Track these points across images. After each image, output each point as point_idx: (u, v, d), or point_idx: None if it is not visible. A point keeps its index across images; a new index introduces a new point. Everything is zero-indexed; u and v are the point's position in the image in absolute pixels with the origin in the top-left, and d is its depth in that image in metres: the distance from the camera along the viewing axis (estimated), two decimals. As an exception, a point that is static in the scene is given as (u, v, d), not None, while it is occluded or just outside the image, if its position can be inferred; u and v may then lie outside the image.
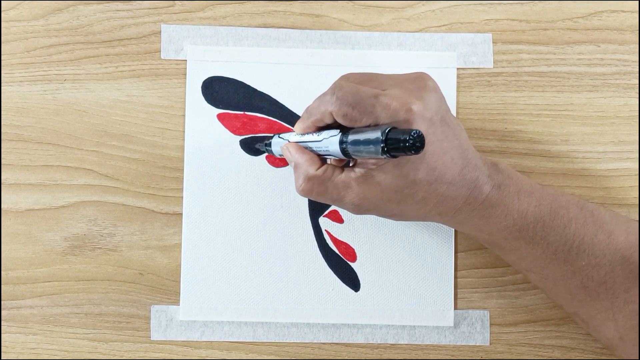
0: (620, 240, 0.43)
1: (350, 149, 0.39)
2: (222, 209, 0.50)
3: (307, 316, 0.50)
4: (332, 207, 0.50)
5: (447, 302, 0.50)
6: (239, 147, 0.51)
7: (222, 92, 0.51)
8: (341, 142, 0.39)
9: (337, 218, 0.50)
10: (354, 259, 0.50)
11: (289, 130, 0.51)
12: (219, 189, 0.50)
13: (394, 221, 0.50)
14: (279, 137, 0.47)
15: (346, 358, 0.50)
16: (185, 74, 0.51)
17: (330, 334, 0.50)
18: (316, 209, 0.50)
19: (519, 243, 0.43)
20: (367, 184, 0.40)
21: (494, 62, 0.51)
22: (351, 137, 0.39)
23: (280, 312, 0.50)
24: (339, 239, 0.50)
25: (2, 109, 0.51)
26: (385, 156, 0.37)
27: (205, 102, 0.51)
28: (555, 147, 0.51)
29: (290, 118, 0.51)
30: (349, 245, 0.50)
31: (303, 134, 0.44)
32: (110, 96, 0.51)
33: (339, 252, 0.50)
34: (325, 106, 0.40)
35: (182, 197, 0.50)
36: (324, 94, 0.41)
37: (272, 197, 0.50)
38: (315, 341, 0.50)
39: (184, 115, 0.51)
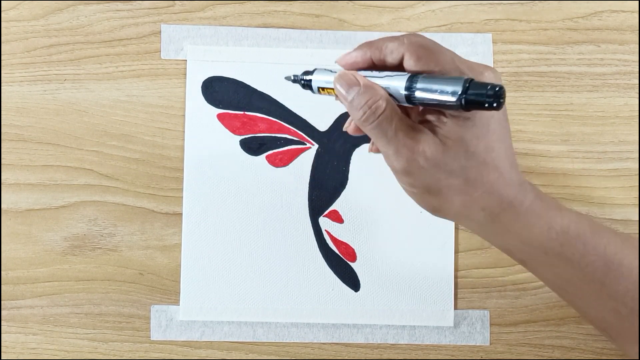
0: None
1: (419, 93, 0.36)
2: (222, 209, 0.50)
3: (307, 316, 0.50)
4: (332, 207, 0.50)
5: (447, 302, 0.50)
6: (239, 147, 0.51)
7: (222, 92, 0.51)
8: (408, 88, 0.36)
9: (337, 218, 0.50)
10: (354, 259, 0.50)
11: (289, 131, 0.51)
12: (219, 189, 0.50)
13: (395, 221, 0.50)
14: (325, 69, 0.41)
15: (346, 358, 0.50)
16: (185, 74, 0.51)
17: (330, 334, 0.50)
18: (316, 209, 0.50)
19: (558, 260, 0.41)
20: (431, 138, 0.37)
21: (494, 62, 0.51)
22: (422, 83, 0.36)
23: (280, 312, 0.50)
24: (339, 239, 0.50)
25: (2, 109, 0.51)
26: (459, 107, 0.34)
27: (205, 102, 0.51)
28: (555, 147, 0.51)
29: (290, 118, 0.51)
30: (349, 245, 0.50)
31: (357, 70, 0.39)
32: (110, 96, 0.51)
33: (339, 252, 0.50)
34: (397, 44, 0.38)
35: (182, 197, 0.50)
36: (392, 37, 0.38)
37: (272, 197, 0.50)
38: (315, 341, 0.50)
39: (184, 115, 0.51)
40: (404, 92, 0.37)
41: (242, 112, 0.51)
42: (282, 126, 0.51)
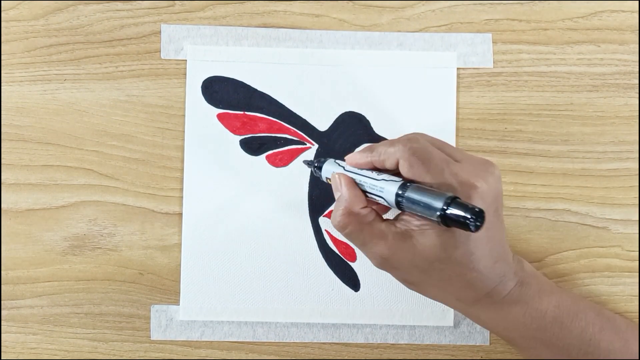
0: (636, 349, 0.43)
1: (405, 203, 0.38)
2: (222, 209, 0.50)
3: (307, 316, 0.50)
4: (333, 207, 0.50)
5: (447, 302, 0.50)
6: (239, 147, 0.51)
7: (222, 92, 0.51)
8: (398, 195, 0.38)
9: (337, 218, 0.50)
10: (353, 259, 0.50)
11: (288, 131, 0.51)
12: (218, 189, 0.50)
13: None
14: (335, 161, 0.45)
15: (346, 358, 0.50)
16: (185, 74, 0.51)
17: (330, 334, 0.50)
18: (316, 209, 0.50)
19: (535, 342, 0.43)
20: (403, 241, 0.39)
21: (494, 62, 0.51)
22: (410, 193, 0.38)
23: (280, 312, 0.50)
24: (339, 239, 0.50)
25: (2, 108, 0.51)
26: (439, 223, 0.36)
27: (205, 102, 0.51)
28: (555, 147, 0.51)
29: (291, 118, 0.51)
30: (349, 245, 0.50)
31: (360, 168, 0.43)
32: (110, 96, 0.51)
33: (339, 252, 0.50)
34: (394, 151, 0.40)
35: (181, 197, 0.50)
36: (396, 140, 0.40)
37: (272, 197, 0.50)
38: (315, 341, 0.50)
39: (184, 115, 0.51)
40: (393, 199, 0.39)
41: (242, 112, 0.51)
42: (282, 126, 0.51)
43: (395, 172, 0.41)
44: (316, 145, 0.51)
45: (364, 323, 0.50)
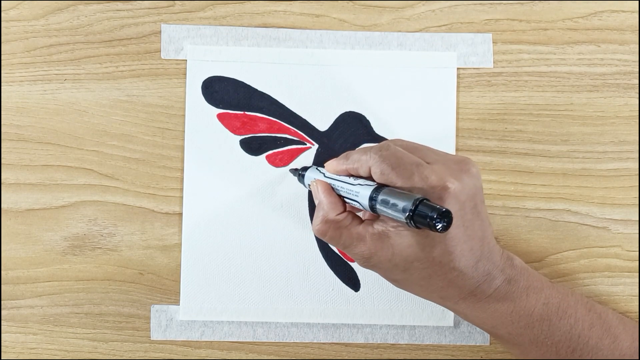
0: (625, 345, 0.43)
1: (378, 206, 0.39)
2: (222, 209, 0.50)
3: (307, 316, 0.50)
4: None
5: (447, 302, 0.50)
6: (239, 147, 0.51)
7: (222, 92, 0.51)
8: (371, 198, 0.39)
9: (337, 218, 0.50)
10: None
11: (288, 131, 0.51)
12: (219, 189, 0.50)
13: None
14: (316, 168, 0.46)
15: (346, 358, 0.50)
16: (185, 74, 0.51)
17: (330, 334, 0.50)
18: (316, 209, 0.50)
19: (523, 339, 0.43)
20: (380, 242, 0.40)
21: (494, 62, 0.51)
22: (382, 196, 0.39)
23: (280, 312, 0.50)
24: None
25: (2, 108, 0.51)
26: (408, 224, 0.37)
27: (205, 101, 0.51)
28: (555, 147, 0.51)
29: (291, 118, 0.51)
30: (349, 245, 0.50)
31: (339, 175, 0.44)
32: (111, 96, 0.51)
33: (339, 252, 0.50)
34: (366, 160, 0.41)
35: (182, 197, 0.50)
36: (369, 148, 0.42)
37: (273, 197, 0.50)
38: (315, 341, 0.50)
39: (184, 115, 0.51)
40: (367, 203, 0.40)
41: (242, 112, 0.51)
42: (282, 126, 0.51)
43: (373, 179, 0.42)
44: (316, 145, 0.51)
45: (364, 323, 0.50)
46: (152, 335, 0.50)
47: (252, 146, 0.51)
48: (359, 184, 0.41)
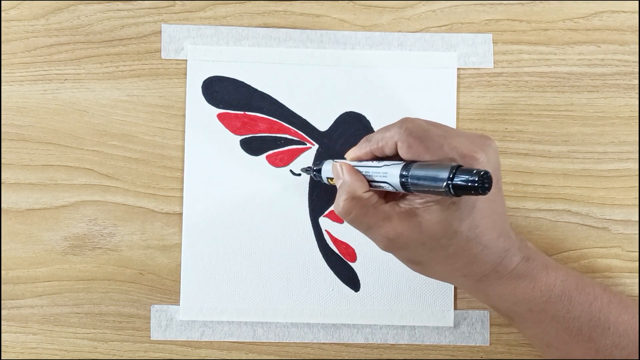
0: None
1: (411, 181, 0.38)
2: (222, 209, 0.50)
3: (307, 316, 0.50)
4: (332, 207, 0.50)
5: (447, 302, 0.50)
6: (239, 147, 0.51)
7: (222, 92, 0.51)
8: (402, 176, 0.38)
9: (337, 218, 0.50)
10: (354, 259, 0.50)
11: (289, 131, 0.51)
12: (219, 189, 0.50)
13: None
14: (334, 161, 0.44)
15: (346, 358, 0.50)
16: (186, 74, 0.51)
17: (330, 334, 0.50)
18: (316, 209, 0.50)
19: (544, 316, 0.43)
20: (408, 220, 0.39)
21: (494, 63, 0.51)
22: (414, 171, 0.38)
23: (280, 312, 0.50)
24: (339, 239, 0.50)
25: (2, 108, 0.51)
26: (447, 193, 0.35)
27: (206, 101, 0.51)
28: (555, 148, 0.51)
29: (291, 118, 0.51)
30: (349, 245, 0.50)
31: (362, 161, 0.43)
32: (111, 96, 0.51)
33: (339, 252, 0.50)
34: (390, 136, 0.40)
35: (182, 197, 0.50)
36: (389, 125, 0.40)
37: (272, 197, 0.50)
38: (315, 341, 0.50)
39: (184, 115, 0.51)
40: (398, 181, 0.38)
41: (242, 112, 0.51)
42: (282, 126, 0.51)
43: (397, 158, 0.40)
44: (316, 145, 0.51)
45: (364, 323, 0.50)
46: (152, 335, 0.50)
47: (253, 146, 0.51)
48: (386, 165, 0.40)
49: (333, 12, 0.51)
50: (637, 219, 0.50)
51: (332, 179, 0.45)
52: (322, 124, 0.51)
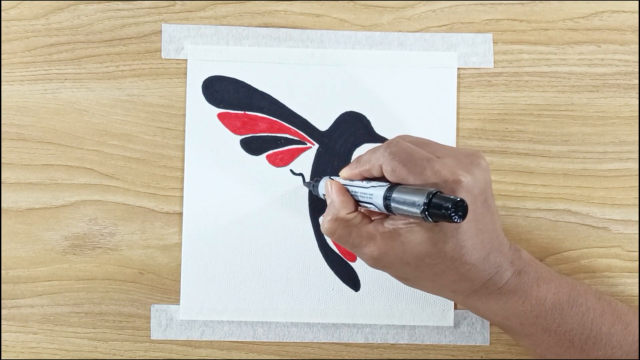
0: (637, 332, 0.43)
1: (392, 204, 0.38)
2: (222, 209, 0.50)
3: (307, 316, 0.50)
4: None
5: (447, 302, 0.50)
6: (240, 146, 0.51)
7: (222, 91, 0.51)
8: (385, 198, 0.39)
9: (337, 218, 0.50)
10: (354, 258, 0.50)
11: (289, 130, 0.51)
12: (219, 188, 0.50)
13: None
14: (330, 178, 0.46)
15: (346, 358, 0.50)
16: (186, 74, 0.51)
17: (330, 333, 0.50)
18: (316, 209, 0.50)
19: (535, 329, 0.43)
20: (391, 240, 0.40)
21: (494, 62, 0.51)
22: (395, 194, 0.38)
23: (280, 312, 0.50)
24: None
25: (2, 108, 0.51)
26: (424, 219, 0.36)
27: (206, 101, 0.51)
28: (555, 147, 0.51)
29: (291, 118, 0.51)
30: (349, 245, 0.50)
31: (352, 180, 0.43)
32: (111, 95, 0.51)
33: (339, 251, 0.50)
34: (376, 158, 0.40)
35: (182, 197, 0.50)
36: (377, 147, 0.41)
37: (272, 197, 0.50)
38: (315, 341, 0.50)
39: (184, 115, 0.51)
40: (382, 203, 0.39)
41: (242, 112, 0.51)
42: (282, 126, 0.51)
43: (385, 179, 0.41)
44: (317, 145, 0.51)
45: (364, 323, 0.50)
46: (152, 334, 0.50)
47: (253, 146, 0.51)
48: (372, 186, 0.41)
49: (333, 12, 0.51)
50: (637, 219, 0.50)
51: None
52: (322, 124, 0.51)
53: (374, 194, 0.40)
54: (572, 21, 0.51)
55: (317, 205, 0.50)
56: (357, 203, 0.42)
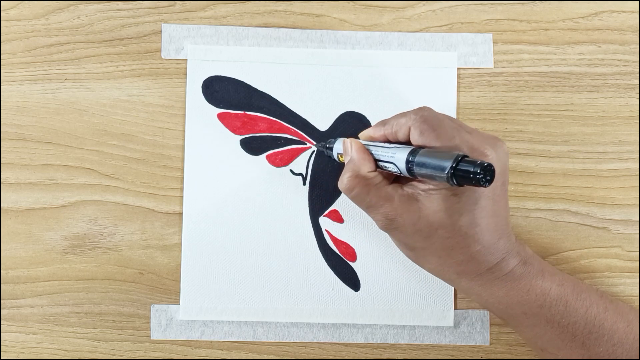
0: (638, 331, 0.43)
1: (416, 166, 0.38)
2: (222, 209, 0.50)
3: (307, 316, 0.50)
4: (333, 207, 0.50)
5: (447, 302, 0.50)
6: (239, 146, 0.51)
7: (222, 91, 0.51)
8: (408, 161, 0.39)
9: (337, 218, 0.50)
10: (354, 258, 0.50)
11: (289, 130, 0.51)
12: (219, 188, 0.50)
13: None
14: (346, 139, 0.45)
15: (346, 358, 0.50)
16: (186, 74, 0.51)
17: (330, 334, 0.50)
18: (316, 209, 0.50)
19: (538, 320, 0.43)
20: (408, 204, 0.40)
21: (494, 62, 0.51)
22: (420, 157, 0.38)
23: (280, 312, 0.50)
24: (339, 238, 0.50)
25: (2, 108, 0.51)
26: (449, 181, 0.36)
27: (206, 101, 0.51)
28: (555, 147, 0.51)
29: (291, 118, 0.51)
30: (349, 245, 0.50)
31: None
32: (111, 95, 0.51)
33: (339, 252, 0.50)
34: (405, 121, 0.40)
35: (182, 197, 0.50)
36: (406, 112, 0.41)
37: (272, 197, 0.50)
38: (315, 341, 0.50)
39: (184, 115, 0.51)
40: (404, 165, 0.39)
41: (242, 112, 0.51)
42: (282, 126, 0.51)
43: (408, 145, 0.41)
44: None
45: (364, 323, 0.50)
46: (152, 334, 0.50)
47: (253, 146, 0.51)
48: (395, 147, 0.40)
49: (333, 12, 0.51)
50: (637, 219, 0.50)
51: (342, 155, 0.45)
52: (322, 124, 0.51)
53: (397, 155, 0.40)
54: (572, 21, 0.51)
55: (317, 206, 0.50)
56: (377, 163, 0.42)
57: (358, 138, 0.45)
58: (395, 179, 0.43)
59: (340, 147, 0.45)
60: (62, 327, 0.50)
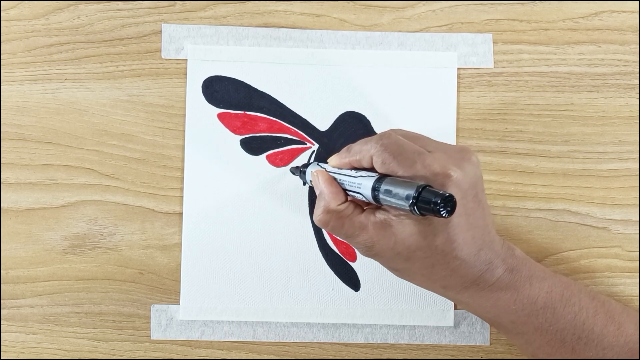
0: (630, 332, 0.43)
1: (381, 195, 0.38)
2: (222, 209, 0.50)
3: (307, 316, 0.50)
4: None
5: (447, 302, 0.50)
6: (239, 146, 0.51)
7: (222, 91, 0.51)
8: (374, 189, 0.39)
9: (337, 218, 0.50)
10: (354, 258, 0.50)
11: (289, 130, 0.51)
12: (219, 188, 0.50)
13: None
14: (317, 164, 0.46)
15: (346, 358, 0.50)
16: (186, 74, 0.51)
17: (330, 333, 0.50)
18: (316, 209, 0.50)
19: (527, 328, 0.43)
20: (383, 230, 0.40)
21: (494, 62, 0.51)
22: (384, 186, 0.38)
23: (280, 312, 0.50)
24: (340, 238, 0.50)
25: (2, 108, 0.51)
26: (412, 212, 0.36)
27: (206, 101, 0.51)
28: (555, 147, 0.51)
29: (291, 118, 0.51)
30: (349, 245, 0.50)
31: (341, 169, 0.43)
32: (111, 95, 0.51)
33: (339, 251, 0.50)
34: (367, 149, 0.40)
35: (182, 197, 0.50)
36: (369, 138, 0.41)
37: (272, 197, 0.50)
38: (315, 341, 0.50)
39: (184, 115, 0.51)
40: (370, 193, 0.39)
41: (242, 112, 0.51)
42: (282, 126, 0.51)
43: (375, 170, 0.41)
44: (316, 145, 0.51)
45: (364, 323, 0.50)
46: (152, 334, 0.50)
47: (253, 146, 0.51)
48: (361, 176, 0.41)
49: (333, 12, 0.51)
50: (637, 219, 0.50)
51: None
52: (322, 124, 0.51)
53: (363, 184, 0.40)
54: (572, 21, 0.51)
55: (317, 205, 0.50)
56: (346, 192, 0.42)
57: (340, 156, 0.45)
58: (370, 203, 0.43)
59: (311, 174, 0.45)
60: (62, 327, 0.50)
